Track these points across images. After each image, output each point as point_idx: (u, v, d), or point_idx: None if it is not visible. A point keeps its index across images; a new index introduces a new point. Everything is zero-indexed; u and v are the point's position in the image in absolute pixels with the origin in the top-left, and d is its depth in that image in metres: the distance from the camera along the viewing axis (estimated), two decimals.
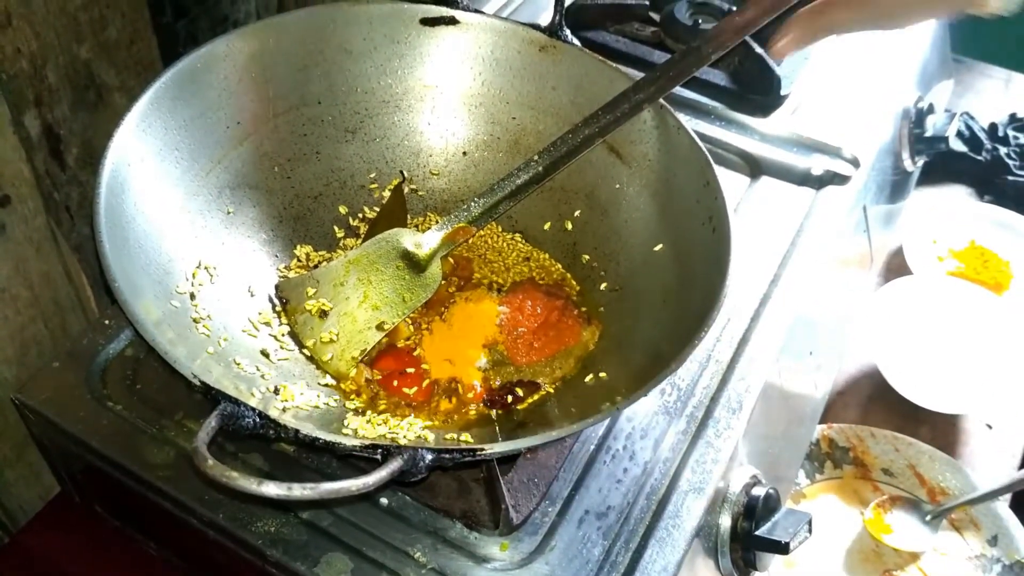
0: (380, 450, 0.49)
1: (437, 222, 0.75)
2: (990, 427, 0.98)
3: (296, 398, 0.61)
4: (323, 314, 0.67)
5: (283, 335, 0.67)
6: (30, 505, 0.84)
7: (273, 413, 0.50)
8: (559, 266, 0.75)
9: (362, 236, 0.75)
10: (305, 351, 0.67)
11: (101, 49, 0.78)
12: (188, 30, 0.85)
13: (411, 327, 0.70)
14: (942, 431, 0.97)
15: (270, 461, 0.64)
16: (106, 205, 0.57)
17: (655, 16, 0.97)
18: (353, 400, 0.64)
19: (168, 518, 0.64)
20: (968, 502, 0.89)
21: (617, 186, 0.73)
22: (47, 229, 0.79)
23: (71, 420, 0.66)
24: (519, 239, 0.76)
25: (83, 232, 0.83)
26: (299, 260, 0.72)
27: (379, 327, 0.68)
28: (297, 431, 0.49)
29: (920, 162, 1.03)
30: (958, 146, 1.21)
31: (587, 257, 0.73)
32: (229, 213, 0.69)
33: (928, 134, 0.98)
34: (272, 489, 0.44)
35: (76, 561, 0.76)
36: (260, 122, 0.71)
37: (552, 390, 0.67)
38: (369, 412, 0.63)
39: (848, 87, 0.92)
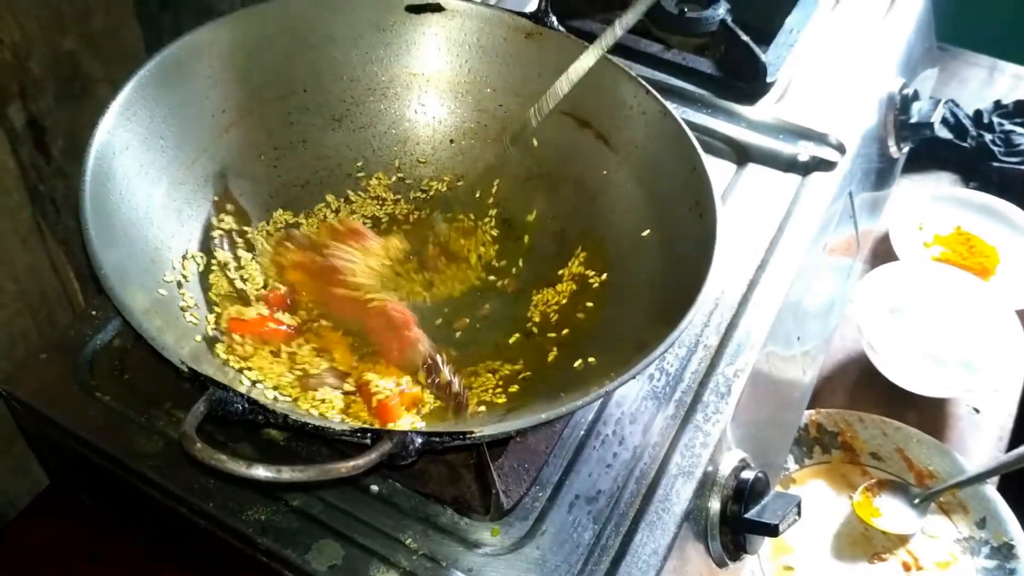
0: (370, 434, 0.49)
1: (433, 213, 0.75)
2: (977, 411, 0.99)
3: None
4: None
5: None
6: (19, 500, 0.83)
7: (262, 400, 0.50)
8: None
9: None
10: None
11: (85, 40, 0.78)
12: (173, 21, 0.85)
13: None
14: (929, 415, 0.98)
15: (259, 450, 0.64)
16: (92, 193, 0.57)
17: None
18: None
19: (158, 508, 0.64)
20: (956, 485, 0.90)
21: (604, 172, 0.73)
22: (33, 222, 0.79)
23: (59, 411, 0.65)
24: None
25: (69, 224, 0.83)
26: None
27: None
28: (286, 416, 0.49)
29: (905, 149, 1.04)
30: (943, 133, 1.22)
31: (575, 244, 0.73)
32: (215, 202, 0.69)
33: (913, 120, 0.98)
34: (261, 472, 0.44)
35: (66, 554, 0.76)
36: (245, 110, 0.71)
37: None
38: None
39: (833, 74, 0.93)
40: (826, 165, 0.85)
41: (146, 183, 0.64)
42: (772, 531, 0.65)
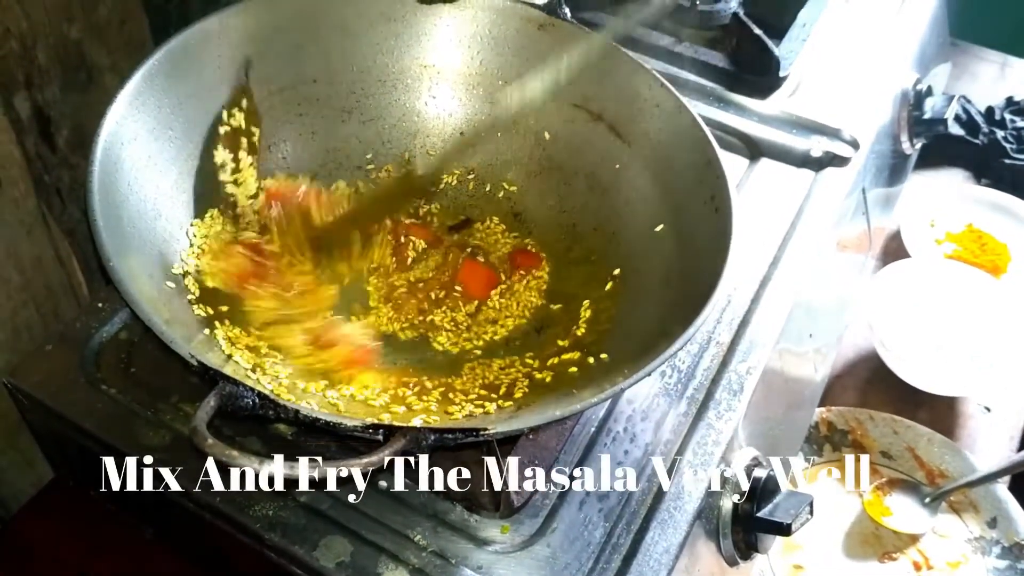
0: (382, 430, 0.48)
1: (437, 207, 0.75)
2: (988, 409, 0.98)
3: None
4: None
5: None
6: (23, 493, 0.83)
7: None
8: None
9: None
10: None
11: (92, 29, 0.77)
12: (180, 10, 0.84)
13: None
14: (941, 414, 0.97)
15: (268, 444, 0.63)
16: (99, 184, 0.56)
17: None
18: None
19: (164, 502, 0.63)
20: (967, 484, 0.89)
21: (618, 166, 0.72)
22: (38, 212, 0.78)
23: (65, 403, 0.65)
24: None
25: (74, 215, 0.82)
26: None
27: None
28: (297, 411, 0.48)
29: (918, 144, 1.03)
30: (955, 129, 1.21)
31: (587, 238, 0.73)
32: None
33: (927, 116, 0.97)
34: (275, 468, 0.43)
35: (71, 547, 0.75)
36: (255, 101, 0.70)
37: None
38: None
39: (847, 68, 0.92)
40: (839, 161, 0.84)
41: (154, 174, 0.63)
42: (784, 530, 0.64)
